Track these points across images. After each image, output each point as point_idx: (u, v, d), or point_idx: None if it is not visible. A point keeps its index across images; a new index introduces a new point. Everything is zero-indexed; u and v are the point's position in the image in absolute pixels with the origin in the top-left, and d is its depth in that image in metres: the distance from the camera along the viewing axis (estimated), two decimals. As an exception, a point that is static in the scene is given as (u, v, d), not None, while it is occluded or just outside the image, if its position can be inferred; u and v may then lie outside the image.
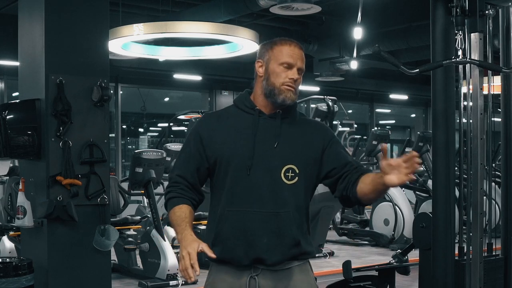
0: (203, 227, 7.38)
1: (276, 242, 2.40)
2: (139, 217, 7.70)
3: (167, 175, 8.06)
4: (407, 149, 11.04)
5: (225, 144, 2.46)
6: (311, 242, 2.53)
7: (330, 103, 8.72)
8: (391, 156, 17.69)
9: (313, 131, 2.53)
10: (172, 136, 12.39)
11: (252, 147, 2.43)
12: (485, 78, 3.84)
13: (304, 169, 2.45)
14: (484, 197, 3.80)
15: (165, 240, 6.93)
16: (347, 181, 2.45)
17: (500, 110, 4.15)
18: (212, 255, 2.28)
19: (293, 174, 2.43)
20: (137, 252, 7.31)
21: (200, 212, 7.31)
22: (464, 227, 3.87)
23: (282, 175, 2.42)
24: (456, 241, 3.85)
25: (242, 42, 8.44)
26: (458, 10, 3.66)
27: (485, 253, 3.86)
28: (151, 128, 16.21)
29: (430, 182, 9.17)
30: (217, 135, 2.48)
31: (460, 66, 3.78)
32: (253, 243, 2.40)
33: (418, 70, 3.55)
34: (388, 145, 16.04)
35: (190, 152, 2.51)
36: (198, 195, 2.52)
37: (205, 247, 2.26)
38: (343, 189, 2.47)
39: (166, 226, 7.54)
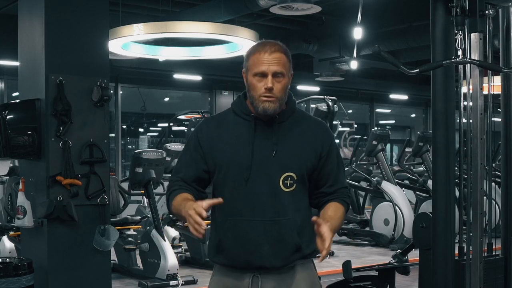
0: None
1: (277, 249, 2.42)
2: (139, 217, 7.69)
3: (167, 175, 8.07)
4: (407, 149, 11.03)
5: (224, 152, 2.46)
6: (315, 242, 2.53)
7: (330, 103, 8.72)
8: (391, 156, 17.71)
9: (313, 134, 2.51)
10: (172, 136, 12.39)
11: (250, 156, 2.42)
12: (485, 78, 3.83)
13: (302, 175, 2.45)
14: (484, 197, 3.80)
15: (165, 240, 6.93)
16: (319, 201, 2.52)
17: (500, 110, 4.15)
18: (219, 200, 2.29)
19: (291, 182, 2.43)
20: (137, 252, 7.31)
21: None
22: (464, 227, 3.87)
23: (281, 183, 2.42)
24: (456, 241, 3.85)
25: (242, 42, 8.44)
26: (458, 10, 3.66)
27: (485, 253, 3.86)
28: (151, 128, 16.20)
29: (430, 182, 9.16)
30: (216, 142, 2.48)
31: (460, 66, 3.78)
32: (255, 252, 2.41)
33: (418, 70, 3.55)
34: (388, 145, 16.04)
35: (190, 157, 2.52)
36: (200, 193, 2.52)
37: (209, 201, 2.26)
38: (315, 205, 2.55)
39: (166, 226, 7.54)
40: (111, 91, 4.92)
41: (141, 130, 15.79)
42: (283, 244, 2.42)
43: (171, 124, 10.81)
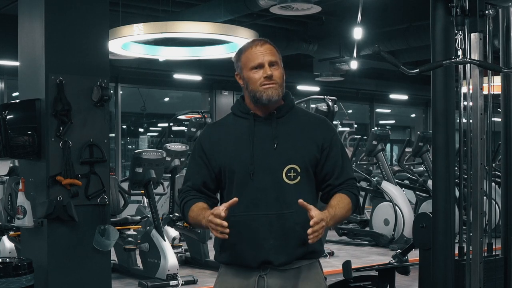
0: (203, 227, 7.36)
1: (282, 244, 2.43)
2: (139, 217, 7.69)
3: (167, 175, 8.06)
4: (407, 149, 11.03)
5: (226, 153, 2.49)
6: (320, 241, 2.53)
7: (330, 103, 8.70)
8: (391, 156, 17.71)
9: (314, 128, 2.53)
10: (172, 136, 12.39)
11: (251, 152, 2.44)
12: (485, 78, 3.83)
13: (305, 167, 2.47)
14: (484, 197, 3.80)
15: (165, 240, 6.93)
16: (327, 194, 2.54)
17: (500, 110, 4.15)
18: (234, 200, 2.35)
19: (295, 174, 2.45)
20: (137, 252, 7.31)
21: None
22: (464, 227, 3.87)
23: (284, 175, 2.44)
24: (456, 241, 3.85)
25: (242, 42, 8.41)
26: (458, 10, 3.65)
27: (485, 253, 3.86)
28: (151, 128, 16.20)
29: (430, 182, 9.16)
30: (218, 145, 2.51)
31: (460, 66, 3.78)
32: (260, 246, 2.42)
33: (418, 70, 3.54)
34: (388, 145, 16.04)
35: (195, 164, 2.56)
36: (211, 199, 2.57)
37: (225, 204, 2.33)
38: (325, 199, 2.56)
39: (166, 226, 7.54)
40: (111, 91, 4.92)
41: (141, 130, 15.79)
42: (287, 239, 2.43)
43: (171, 124, 10.81)
